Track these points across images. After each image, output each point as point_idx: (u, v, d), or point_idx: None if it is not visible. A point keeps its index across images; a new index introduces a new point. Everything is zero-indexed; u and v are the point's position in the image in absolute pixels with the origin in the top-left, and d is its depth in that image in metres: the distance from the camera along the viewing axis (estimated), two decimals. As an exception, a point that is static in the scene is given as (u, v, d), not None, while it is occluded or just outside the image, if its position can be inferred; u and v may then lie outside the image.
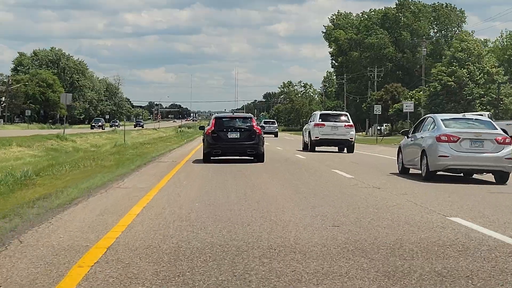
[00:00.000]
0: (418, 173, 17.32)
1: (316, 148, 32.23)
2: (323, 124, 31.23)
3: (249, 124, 22.68)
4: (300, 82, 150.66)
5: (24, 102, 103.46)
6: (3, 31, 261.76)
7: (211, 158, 22.28)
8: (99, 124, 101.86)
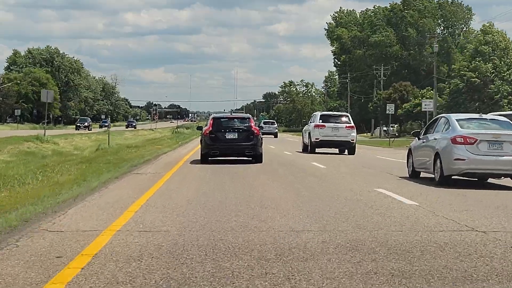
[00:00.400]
0: (430, 177, 16.54)
1: (316, 150, 31.69)
2: (324, 125, 30.93)
3: (247, 125, 22.77)
4: (302, 81, 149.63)
5: (17, 102, 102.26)
6: (3, 31, 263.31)
7: (209, 159, 22.27)
8: (85, 124, 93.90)
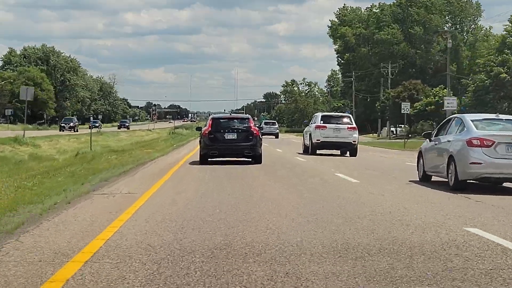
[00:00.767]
0: (442, 181, 15.94)
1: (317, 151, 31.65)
2: (325, 126, 30.97)
3: (246, 125, 23.10)
4: (304, 79, 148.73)
5: (10, 101, 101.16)
6: (2, 31, 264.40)
7: (208, 159, 22.63)
8: (70, 124, 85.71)
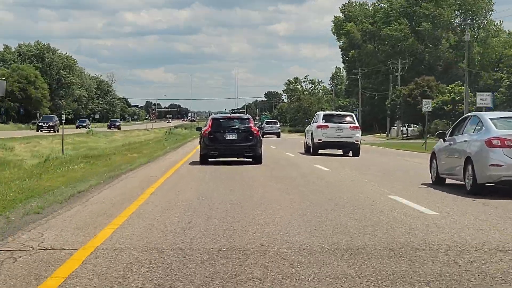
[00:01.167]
0: (457, 183, 15.54)
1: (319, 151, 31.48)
2: (327, 126, 31.02)
3: (246, 125, 23.55)
4: (306, 76, 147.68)
5: (1, 100, 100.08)
6: (2, 30, 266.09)
7: (209, 160, 22.98)
8: (49, 124, 75.77)
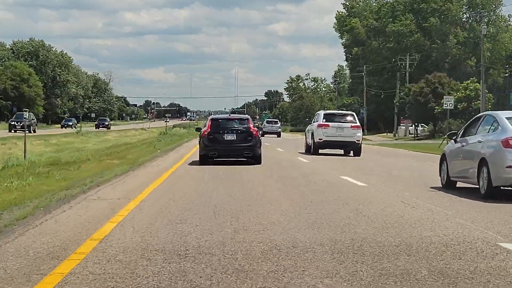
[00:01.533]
0: (469, 187, 15.22)
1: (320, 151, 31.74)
2: (327, 125, 31.25)
3: (245, 126, 24.05)
4: (307, 74, 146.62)
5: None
6: (2, 30, 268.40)
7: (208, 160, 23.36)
8: (22, 123, 60.53)
